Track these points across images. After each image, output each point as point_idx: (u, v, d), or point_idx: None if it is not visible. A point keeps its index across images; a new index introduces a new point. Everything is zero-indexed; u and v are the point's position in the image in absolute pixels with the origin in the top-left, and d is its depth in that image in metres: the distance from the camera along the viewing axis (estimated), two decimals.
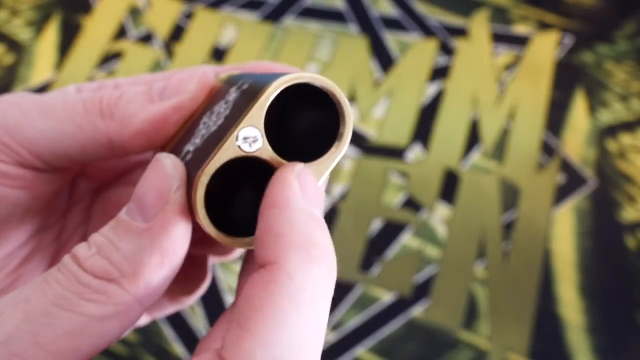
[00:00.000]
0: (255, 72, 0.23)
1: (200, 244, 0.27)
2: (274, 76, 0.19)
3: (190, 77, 0.22)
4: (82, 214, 0.26)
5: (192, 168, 0.19)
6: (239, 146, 0.18)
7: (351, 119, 0.19)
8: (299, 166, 0.18)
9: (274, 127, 0.18)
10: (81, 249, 0.19)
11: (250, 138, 0.18)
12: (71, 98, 0.23)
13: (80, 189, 0.27)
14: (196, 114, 0.23)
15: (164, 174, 0.19)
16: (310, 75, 0.18)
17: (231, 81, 0.22)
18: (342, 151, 0.19)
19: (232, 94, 0.20)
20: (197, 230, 0.20)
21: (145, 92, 0.23)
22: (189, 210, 0.19)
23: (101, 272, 0.18)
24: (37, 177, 0.23)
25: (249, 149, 0.18)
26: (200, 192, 0.18)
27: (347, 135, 0.19)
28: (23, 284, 0.24)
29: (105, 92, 0.23)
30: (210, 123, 0.20)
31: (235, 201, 0.20)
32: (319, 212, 0.18)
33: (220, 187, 0.18)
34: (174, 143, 0.23)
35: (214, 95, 0.22)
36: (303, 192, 0.18)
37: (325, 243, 0.17)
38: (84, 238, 0.26)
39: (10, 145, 0.22)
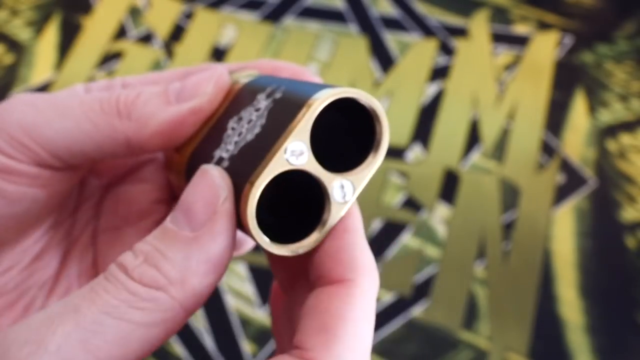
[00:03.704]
0: (278, 77, 0.23)
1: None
2: (312, 87, 0.19)
3: (208, 79, 0.23)
4: (92, 210, 0.27)
5: (236, 177, 0.20)
6: (287, 160, 0.18)
7: (388, 129, 0.20)
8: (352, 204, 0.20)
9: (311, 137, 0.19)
10: (128, 258, 0.19)
11: (297, 151, 0.19)
12: (87, 98, 0.23)
13: (90, 186, 0.27)
14: (215, 116, 0.23)
15: (212, 184, 0.20)
16: (354, 90, 0.19)
17: (255, 86, 0.22)
18: (380, 159, 0.20)
19: (262, 102, 0.21)
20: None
21: (162, 93, 0.23)
22: (235, 219, 0.20)
23: (150, 281, 0.19)
24: (53, 175, 0.23)
25: (296, 162, 0.19)
26: (252, 205, 0.18)
27: (385, 144, 0.20)
28: (36, 280, 0.25)
29: (121, 91, 0.23)
30: (242, 130, 0.21)
31: (278, 209, 0.20)
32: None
33: (263, 196, 0.19)
34: (194, 144, 0.23)
35: (235, 98, 0.23)
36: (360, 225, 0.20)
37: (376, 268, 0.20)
38: (94, 234, 0.26)
39: (29, 145, 0.22)
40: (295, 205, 0.21)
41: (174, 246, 0.19)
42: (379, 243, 0.41)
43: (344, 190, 0.19)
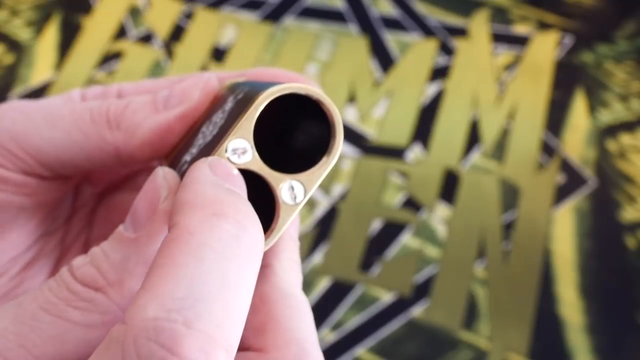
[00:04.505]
0: (256, 81, 0.23)
1: None
2: (267, 85, 0.19)
3: (195, 84, 0.23)
4: (86, 219, 0.27)
5: None
6: (228, 158, 0.18)
7: (341, 128, 0.19)
8: (212, 157, 0.18)
9: (267, 137, 0.18)
10: (78, 259, 0.19)
11: (239, 149, 0.18)
12: (78, 107, 0.23)
13: (84, 194, 0.27)
14: (199, 122, 0.23)
15: (154, 184, 0.19)
16: (298, 85, 0.18)
17: (231, 89, 0.22)
18: (333, 161, 0.19)
19: (229, 104, 0.20)
20: None
21: (151, 102, 0.23)
22: None
23: (89, 281, 0.18)
24: (41, 184, 0.23)
25: (238, 160, 0.18)
26: None
27: (338, 145, 0.19)
28: (26, 289, 0.24)
29: (112, 102, 0.23)
30: (207, 133, 0.20)
31: None
32: (235, 189, 0.17)
33: None
34: (176, 151, 0.23)
35: (216, 104, 0.22)
36: (215, 173, 0.17)
37: (237, 202, 0.17)
38: (87, 243, 0.26)
39: (16, 153, 0.22)
40: None
41: (116, 247, 0.19)
42: (379, 243, 0.41)
43: (294, 192, 0.19)
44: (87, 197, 0.27)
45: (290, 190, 0.19)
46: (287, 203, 0.19)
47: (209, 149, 0.19)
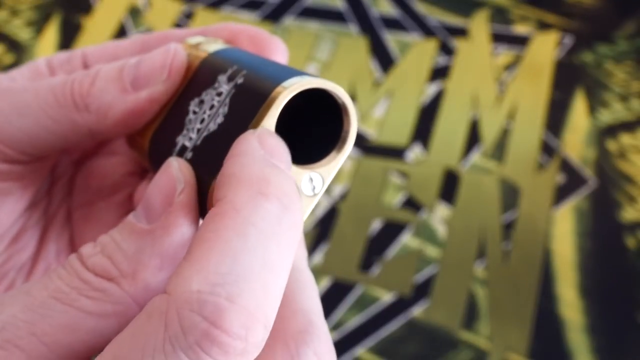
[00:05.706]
0: (238, 52, 0.22)
1: None
2: (274, 71, 0.19)
3: (163, 63, 0.22)
4: (66, 188, 0.27)
5: (201, 171, 0.19)
6: None
7: (355, 117, 0.19)
8: (260, 129, 0.18)
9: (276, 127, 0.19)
10: (87, 248, 0.19)
11: None
12: (41, 89, 0.22)
13: (61, 164, 0.27)
14: (175, 94, 0.23)
15: (169, 176, 0.19)
16: (319, 80, 0.18)
17: (216, 63, 0.22)
18: (348, 149, 0.19)
19: (224, 85, 0.20)
20: None
21: (117, 79, 0.22)
22: (198, 212, 0.19)
23: (101, 271, 0.18)
24: (25, 168, 0.23)
25: None
26: None
27: (353, 133, 0.19)
28: (14, 263, 0.25)
29: (75, 78, 0.22)
30: (204, 117, 0.20)
31: None
32: (281, 164, 0.17)
33: None
34: (155, 125, 0.23)
35: (195, 75, 0.22)
36: (262, 147, 0.17)
37: (281, 183, 0.17)
38: (69, 211, 0.26)
39: None
40: None
41: (129, 238, 0.19)
42: (379, 243, 0.41)
43: (313, 184, 0.19)
44: (65, 166, 0.27)
45: (310, 182, 0.19)
46: (307, 195, 0.19)
47: (224, 143, 0.19)
